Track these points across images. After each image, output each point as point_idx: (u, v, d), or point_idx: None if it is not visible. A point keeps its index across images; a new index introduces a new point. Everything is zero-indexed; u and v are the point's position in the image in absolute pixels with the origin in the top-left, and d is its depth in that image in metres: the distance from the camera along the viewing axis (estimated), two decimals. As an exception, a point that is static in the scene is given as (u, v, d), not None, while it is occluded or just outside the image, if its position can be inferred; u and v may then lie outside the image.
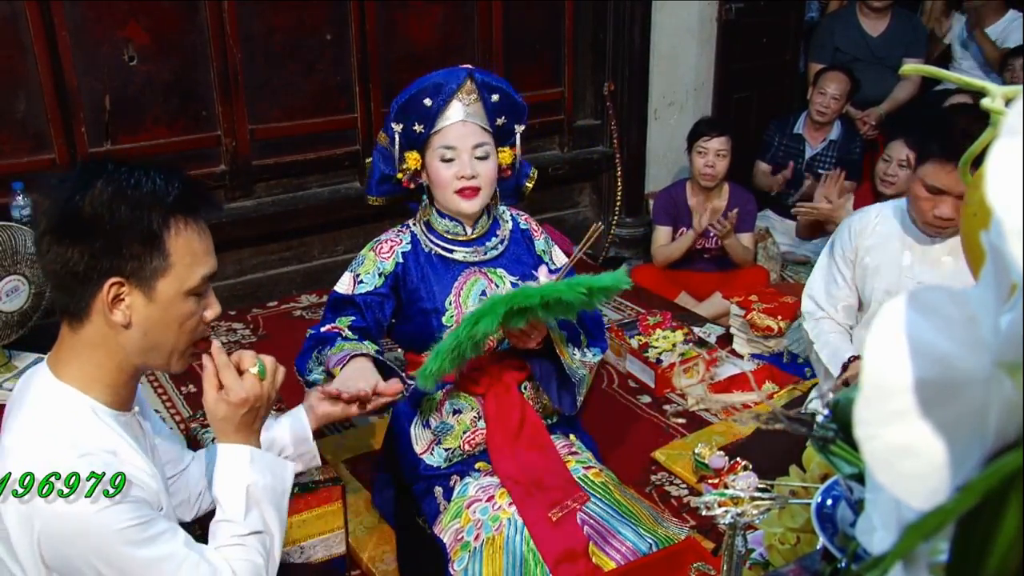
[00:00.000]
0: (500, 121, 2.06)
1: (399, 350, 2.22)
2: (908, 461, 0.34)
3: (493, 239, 2.10)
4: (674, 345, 3.01)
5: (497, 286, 2.05)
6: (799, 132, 4.03)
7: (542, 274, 2.05)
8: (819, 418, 0.63)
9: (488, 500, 1.97)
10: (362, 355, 1.77)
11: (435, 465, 2.07)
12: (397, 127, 2.00)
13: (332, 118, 3.53)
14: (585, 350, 2.09)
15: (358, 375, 1.69)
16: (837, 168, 3.63)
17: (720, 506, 0.95)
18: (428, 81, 1.98)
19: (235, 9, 3.21)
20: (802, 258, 3.86)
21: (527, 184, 2.24)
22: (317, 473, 2.04)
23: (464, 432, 2.07)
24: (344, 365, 1.74)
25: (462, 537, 1.93)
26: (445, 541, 1.94)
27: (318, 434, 1.65)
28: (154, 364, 1.28)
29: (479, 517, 1.95)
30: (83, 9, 2.99)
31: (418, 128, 1.99)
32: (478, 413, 2.06)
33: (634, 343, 3.03)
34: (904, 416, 0.33)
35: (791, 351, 3.07)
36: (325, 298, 3.55)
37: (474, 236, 2.08)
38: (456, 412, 2.07)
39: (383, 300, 2.01)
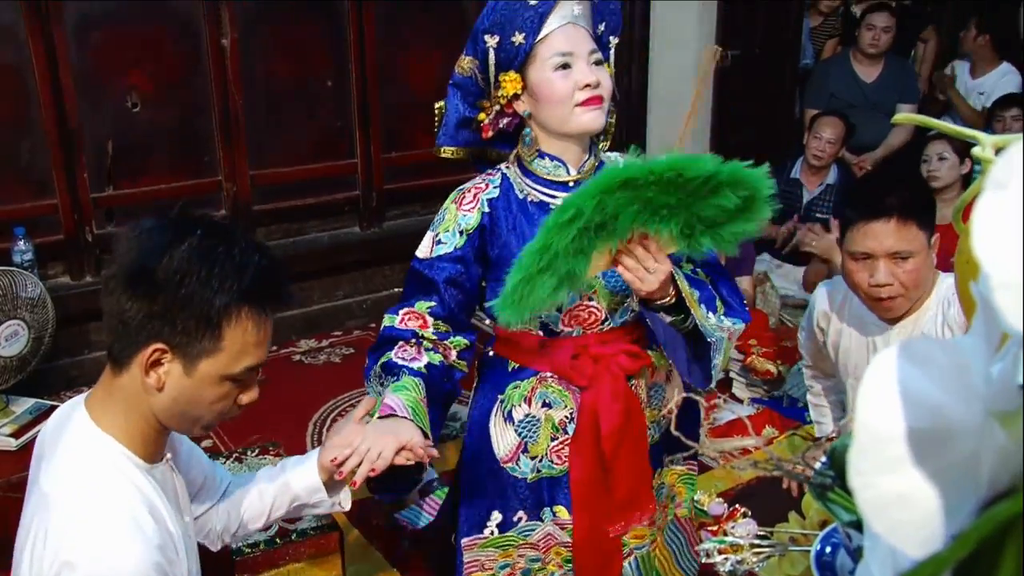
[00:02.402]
0: (601, 28, 1.70)
1: (488, 322, 1.81)
2: (903, 510, 0.34)
3: None
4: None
5: None
6: (796, 177, 4.07)
7: (627, 157, 1.58)
8: (817, 465, 0.63)
9: (544, 551, 1.75)
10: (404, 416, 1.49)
11: (520, 477, 1.72)
12: (491, 40, 1.62)
13: (332, 163, 3.56)
14: (722, 317, 1.65)
15: (379, 446, 1.41)
16: (831, 215, 3.65)
17: (720, 553, 0.95)
18: None
19: (237, 56, 3.25)
20: (801, 302, 3.86)
21: (610, 120, 1.82)
22: (314, 519, 2.03)
23: (553, 434, 1.71)
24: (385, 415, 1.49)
25: (491, 568, 1.74)
26: (465, 559, 1.74)
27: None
28: (175, 427, 1.27)
29: (522, 563, 1.76)
30: (88, 57, 3.03)
31: (518, 38, 1.60)
32: (572, 414, 1.70)
33: (633, 387, 3.03)
34: (898, 465, 0.34)
35: (791, 395, 3.07)
36: (325, 343, 3.58)
37: (578, 178, 1.68)
38: (546, 406, 1.70)
39: (467, 268, 1.67)
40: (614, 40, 1.73)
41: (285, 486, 1.49)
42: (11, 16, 2.88)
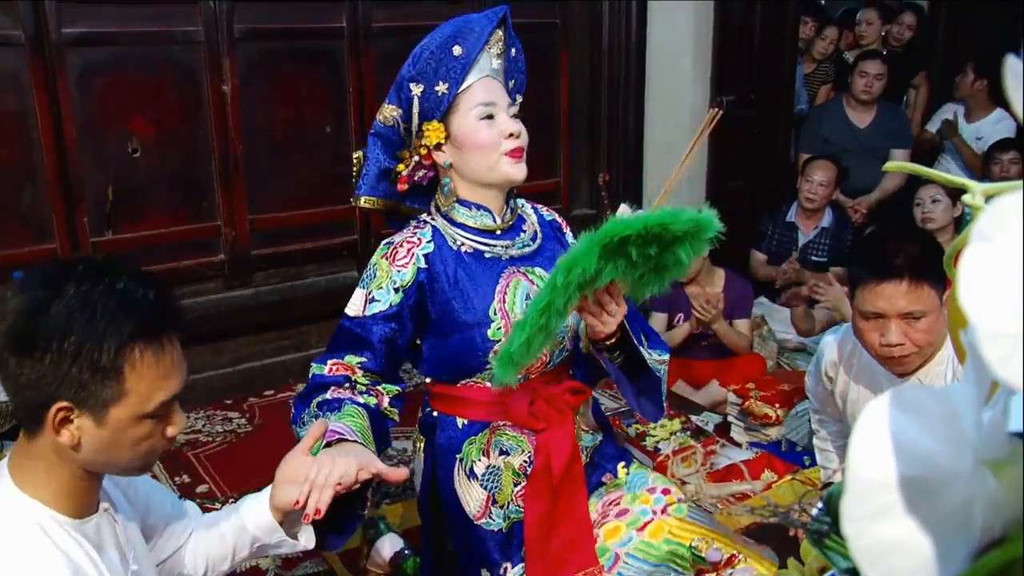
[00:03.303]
0: (511, 84, 1.75)
1: (425, 379, 1.81)
2: (896, 557, 0.34)
3: (522, 233, 1.76)
4: (672, 434, 2.99)
5: (539, 288, 1.65)
6: (792, 220, 4.09)
7: (622, 211, 1.62)
8: (813, 511, 0.63)
9: None
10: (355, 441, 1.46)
11: (495, 530, 1.72)
12: (416, 89, 1.65)
13: (331, 208, 3.58)
14: (650, 350, 1.72)
15: (337, 470, 1.36)
16: (827, 260, 3.69)
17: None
18: (460, 25, 1.66)
19: (238, 103, 3.29)
20: (799, 345, 3.86)
21: None
22: (312, 566, 2.01)
23: (515, 480, 1.72)
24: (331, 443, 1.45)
25: None
26: None
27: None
28: (113, 472, 1.23)
29: None
30: (91, 104, 3.06)
31: (441, 88, 1.63)
32: (529, 458, 1.72)
33: (632, 431, 3.02)
34: (890, 513, 0.34)
35: (789, 439, 3.05)
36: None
37: (503, 227, 1.73)
38: (503, 453, 1.72)
39: (402, 326, 1.66)
40: (519, 98, 1.79)
41: (242, 529, 1.44)
42: (17, 64, 2.92)
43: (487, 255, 1.70)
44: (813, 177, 3.97)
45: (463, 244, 1.70)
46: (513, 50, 1.75)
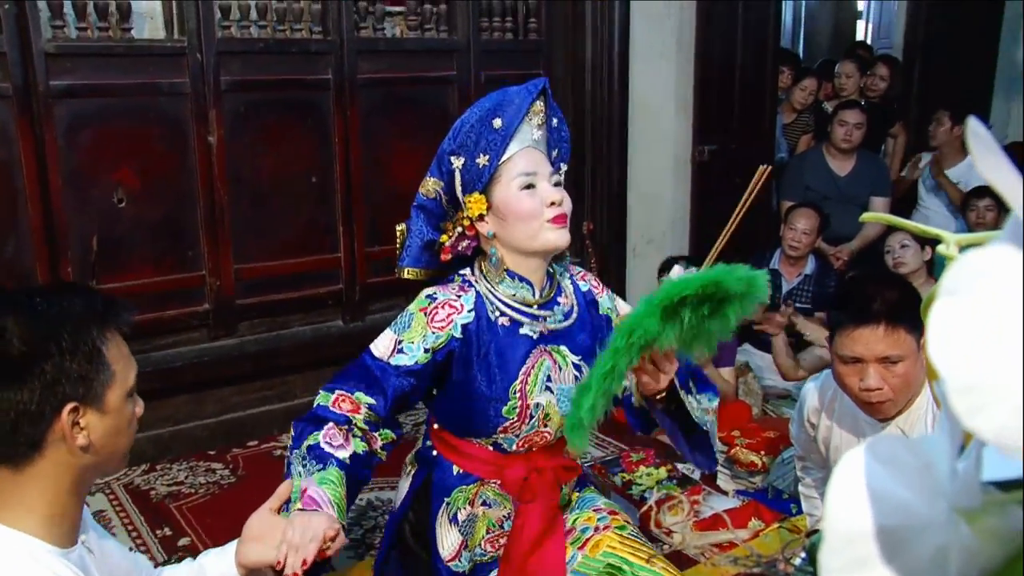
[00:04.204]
0: (554, 154, 1.77)
1: (436, 426, 1.84)
2: (874, 608, 0.35)
3: (556, 307, 1.77)
4: (658, 482, 2.98)
5: (561, 369, 1.73)
6: (775, 267, 4.13)
7: (676, 271, 1.55)
8: (796, 561, 0.63)
9: None
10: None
11: (460, 572, 1.78)
12: (457, 162, 1.68)
13: (316, 258, 3.59)
14: (699, 397, 1.73)
15: (309, 532, 1.41)
16: (811, 306, 3.71)
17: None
18: (499, 98, 1.68)
19: (223, 153, 3.31)
20: (784, 392, 3.87)
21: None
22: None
23: (488, 529, 1.78)
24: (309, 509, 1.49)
25: None
26: None
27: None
28: (101, 474, 1.29)
29: None
30: (77, 155, 3.07)
31: (482, 160, 1.65)
32: (509, 514, 1.78)
33: (617, 480, 3.00)
34: (867, 563, 0.35)
35: (776, 487, 3.05)
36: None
37: (540, 302, 1.74)
38: (485, 505, 1.78)
39: (419, 383, 1.68)
40: (564, 167, 1.80)
41: None
42: (3, 116, 2.94)
43: (522, 331, 1.71)
44: (796, 225, 4.01)
45: (501, 316, 1.71)
46: (555, 120, 1.76)
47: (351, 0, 3.48)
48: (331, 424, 1.62)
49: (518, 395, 1.69)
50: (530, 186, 1.66)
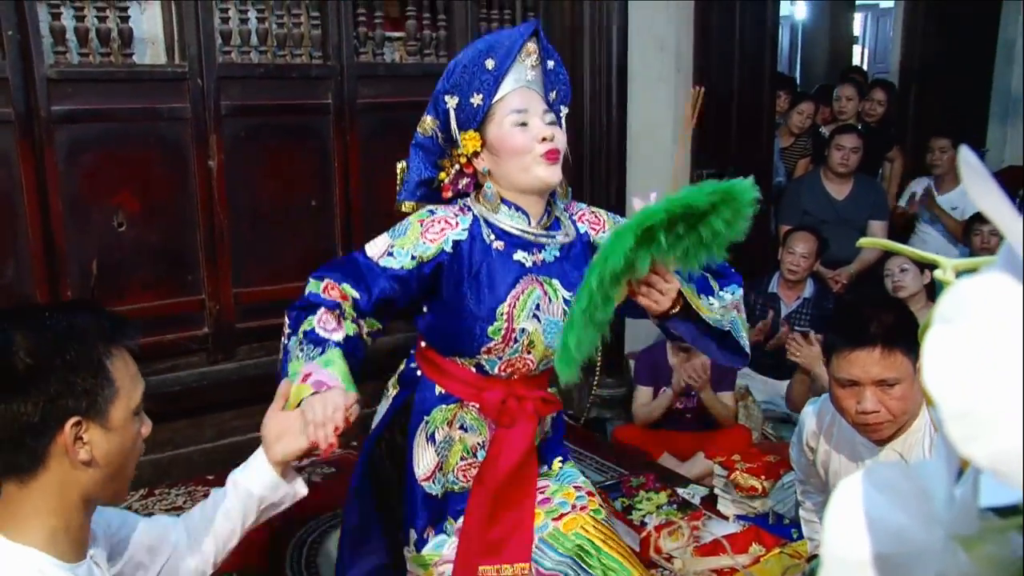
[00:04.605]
0: (552, 96, 1.83)
1: (424, 345, 1.89)
2: (873, 635, 0.35)
3: (553, 240, 1.81)
4: (658, 507, 2.97)
5: (551, 300, 1.77)
6: (774, 291, 4.13)
7: (637, 203, 1.60)
8: (796, 587, 0.63)
9: None
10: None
11: (432, 494, 1.83)
12: (451, 101, 1.75)
13: (316, 281, 3.59)
14: (721, 293, 1.75)
15: (329, 405, 1.47)
16: (810, 329, 3.71)
17: None
18: (491, 40, 1.76)
19: (223, 177, 3.32)
20: (784, 416, 3.87)
21: (560, 193, 1.94)
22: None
23: (463, 456, 1.82)
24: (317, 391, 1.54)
25: None
26: (408, 569, 1.84)
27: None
28: (109, 494, 1.27)
29: None
30: (78, 180, 3.08)
31: (476, 99, 1.73)
32: (483, 442, 1.82)
33: (618, 505, 2.99)
34: (865, 590, 0.35)
35: (776, 511, 3.04)
36: (305, 462, 3.52)
37: (536, 231, 1.79)
38: (463, 429, 1.82)
39: (404, 290, 1.73)
40: (565, 109, 1.87)
41: (248, 496, 1.51)
42: (5, 141, 2.95)
43: (515, 257, 1.76)
44: (795, 249, 4.02)
45: (495, 241, 1.76)
46: (551, 62, 1.82)
47: (351, 26, 3.50)
48: (323, 309, 1.67)
49: (504, 317, 1.73)
50: (523, 123, 1.72)
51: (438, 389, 1.83)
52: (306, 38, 3.49)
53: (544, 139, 1.71)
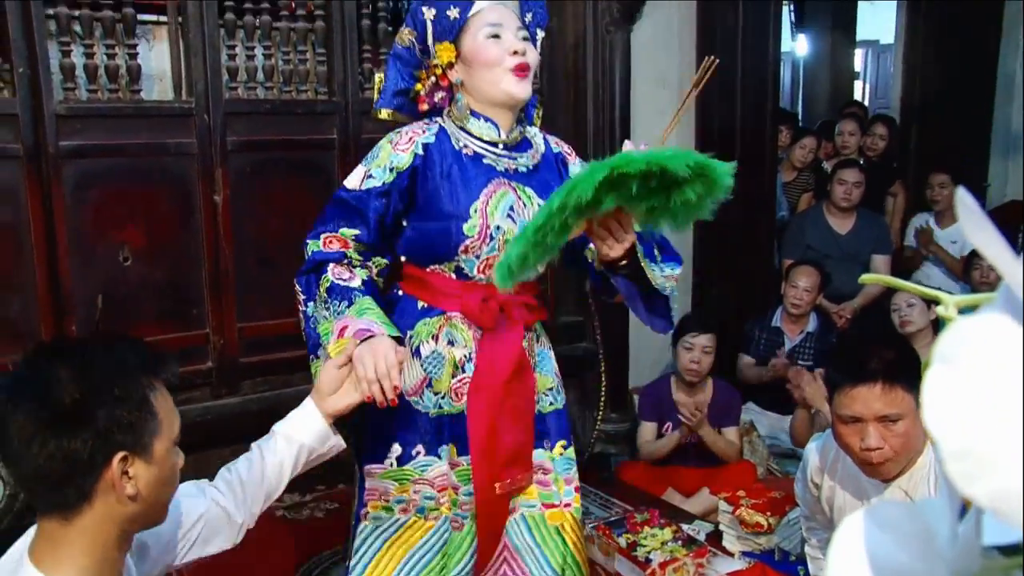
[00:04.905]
0: (528, 17, 1.90)
1: (403, 261, 1.93)
2: (877, 675, 0.35)
3: (524, 155, 1.88)
4: (663, 543, 2.95)
5: (525, 205, 1.83)
6: (777, 325, 4.13)
7: (628, 146, 1.67)
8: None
9: (439, 490, 1.85)
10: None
11: (423, 411, 1.84)
12: (428, 13, 1.82)
13: (320, 316, 3.60)
14: (662, 265, 1.85)
15: (381, 360, 1.55)
16: (813, 364, 3.70)
17: None
18: None
19: (229, 212, 3.34)
20: (789, 451, 3.84)
21: (536, 112, 2.07)
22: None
23: (454, 372, 1.83)
24: (364, 339, 1.60)
25: (387, 501, 1.84)
26: (367, 485, 1.85)
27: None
28: (145, 524, 1.29)
29: (417, 499, 1.84)
30: (84, 214, 3.10)
31: (453, 12, 1.81)
32: (469, 354, 1.84)
33: (622, 542, 2.97)
34: (869, 629, 0.35)
35: (782, 548, 3.01)
36: (309, 497, 3.51)
37: (506, 141, 1.86)
38: (451, 344, 1.84)
39: (390, 203, 1.79)
40: (540, 33, 1.94)
41: (300, 447, 1.59)
42: (14, 177, 2.97)
43: (485, 161, 1.83)
44: (798, 283, 4.03)
45: (465, 146, 1.83)
46: None
47: (356, 62, 3.54)
48: (332, 263, 1.75)
49: (479, 214, 1.78)
50: (496, 36, 1.79)
51: (420, 304, 1.86)
52: (311, 74, 3.53)
53: (515, 52, 1.78)
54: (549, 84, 4.03)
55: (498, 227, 1.80)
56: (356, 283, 1.73)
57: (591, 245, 1.83)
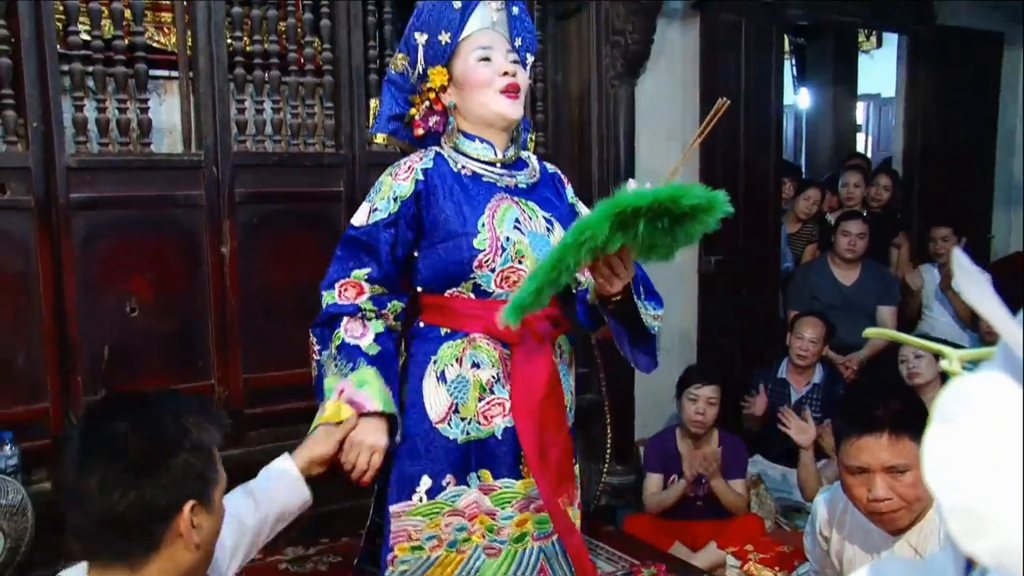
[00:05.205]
0: (517, 42, 1.94)
1: (419, 291, 1.93)
2: None
3: (522, 173, 1.92)
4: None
5: (530, 218, 1.85)
6: (783, 377, 4.12)
7: (631, 185, 1.64)
8: None
9: (470, 519, 1.83)
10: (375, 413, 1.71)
11: (452, 438, 1.82)
12: (421, 38, 1.87)
13: (325, 366, 3.60)
14: (646, 303, 1.86)
15: (366, 450, 1.69)
16: (820, 415, 3.69)
17: None
18: None
19: (236, 263, 3.36)
20: (798, 504, 3.81)
21: (529, 137, 2.09)
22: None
23: (480, 395, 1.82)
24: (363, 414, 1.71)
25: (418, 539, 1.82)
26: (392, 528, 1.83)
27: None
28: (199, 575, 1.31)
29: (449, 532, 1.82)
30: (92, 265, 3.13)
31: (444, 37, 1.86)
32: (497, 375, 1.82)
33: (629, 596, 2.93)
34: None
35: (791, 603, 2.97)
36: (312, 550, 3.48)
37: (502, 161, 1.90)
38: (475, 367, 1.82)
39: (399, 233, 1.81)
40: (530, 58, 1.99)
41: (282, 515, 1.66)
42: (24, 228, 3.00)
43: (484, 179, 1.86)
44: (803, 334, 4.02)
45: (464, 167, 1.86)
46: (515, 8, 1.95)
47: (363, 115, 3.59)
48: (345, 318, 1.79)
49: (486, 228, 1.80)
50: (486, 59, 1.84)
51: (443, 331, 1.86)
52: (319, 127, 3.58)
53: (506, 73, 1.82)
54: (554, 136, 4.08)
55: (508, 238, 1.82)
56: (367, 340, 1.76)
57: (578, 275, 1.87)
